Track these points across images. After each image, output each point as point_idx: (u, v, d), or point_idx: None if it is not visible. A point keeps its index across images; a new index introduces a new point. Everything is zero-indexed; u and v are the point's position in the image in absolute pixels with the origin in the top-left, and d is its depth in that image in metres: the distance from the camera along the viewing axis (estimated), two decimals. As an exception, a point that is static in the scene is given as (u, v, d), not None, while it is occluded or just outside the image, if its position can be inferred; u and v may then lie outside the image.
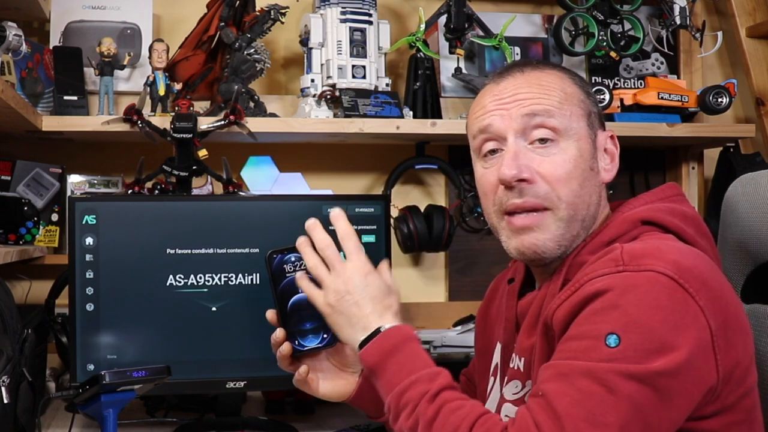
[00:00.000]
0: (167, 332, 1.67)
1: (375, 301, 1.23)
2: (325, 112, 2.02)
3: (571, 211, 1.19)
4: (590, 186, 1.21)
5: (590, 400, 1.01)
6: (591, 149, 1.22)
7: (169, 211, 1.71)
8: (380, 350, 1.18)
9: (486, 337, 1.42)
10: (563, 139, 1.19)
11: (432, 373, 1.14)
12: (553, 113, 1.19)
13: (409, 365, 1.16)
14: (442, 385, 1.12)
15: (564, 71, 1.26)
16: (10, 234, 1.87)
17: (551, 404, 1.02)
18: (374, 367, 1.18)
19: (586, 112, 1.23)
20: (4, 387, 1.39)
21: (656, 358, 1.01)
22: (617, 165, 1.26)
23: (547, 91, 1.21)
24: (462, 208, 2.27)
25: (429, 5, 2.17)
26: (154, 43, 1.94)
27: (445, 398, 1.10)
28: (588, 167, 1.21)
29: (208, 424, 1.74)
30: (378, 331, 1.20)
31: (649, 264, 1.07)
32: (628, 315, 1.04)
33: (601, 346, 1.03)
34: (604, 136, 1.25)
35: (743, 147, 2.27)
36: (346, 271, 1.24)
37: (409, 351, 1.18)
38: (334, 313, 1.24)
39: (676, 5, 2.19)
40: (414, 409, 1.11)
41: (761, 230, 1.37)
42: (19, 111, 1.62)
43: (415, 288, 2.30)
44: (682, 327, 1.04)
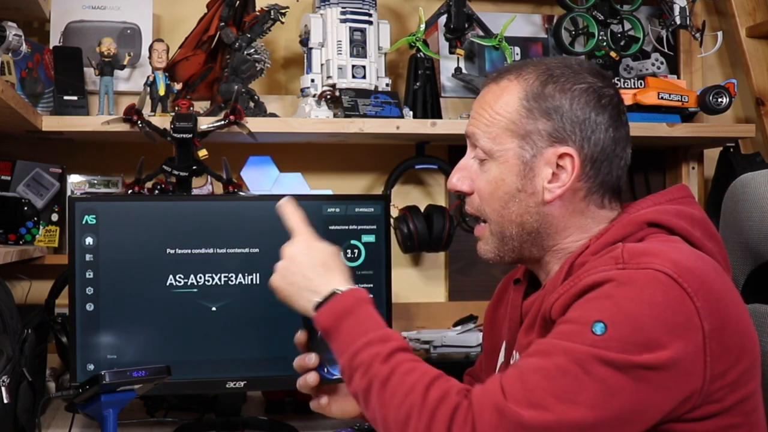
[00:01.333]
0: (167, 332, 1.67)
1: (320, 265, 1.25)
2: (325, 112, 2.02)
3: (499, 228, 1.25)
4: (516, 206, 1.23)
5: (563, 378, 1.02)
6: (521, 170, 1.22)
7: (169, 211, 1.71)
8: (333, 313, 1.19)
9: (493, 337, 1.42)
10: (490, 159, 1.24)
11: (384, 335, 1.15)
12: (479, 136, 1.25)
13: (361, 327, 1.16)
14: (395, 347, 1.13)
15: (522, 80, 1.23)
16: (10, 234, 1.87)
17: (524, 375, 1.04)
18: (329, 329, 1.19)
19: (519, 132, 1.21)
20: (4, 387, 1.39)
21: (640, 352, 1.02)
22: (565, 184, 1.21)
23: (482, 110, 1.26)
24: (462, 208, 2.27)
25: (429, 5, 2.17)
26: (154, 43, 1.94)
27: (398, 360, 1.11)
28: (514, 189, 1.22)
29: (208, 424, 1.74)
30: (332, 294, 1.21)
31: (649, 262, 1.07)
32: (620, 307, 1.04)
33: (587, 332, 1.04)
34: (554, 153, 1.21)
35: (743, 147, 2.27)
36: (289, 248, 1.29)
37: (363, 313, 1.18)
38: (285, 287, 1.26)
39: (676, 5, 2.19)
40: (367, 370, 1.11)
41: (761, 230, 1.37)
42: (19, 111, 1.61)
43: (415, 288, 2.30)
44: (673, 326, 1.04)
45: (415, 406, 1.05)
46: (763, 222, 1.36)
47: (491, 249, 1.28)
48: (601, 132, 1.21)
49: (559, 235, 1.24)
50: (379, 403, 1.09)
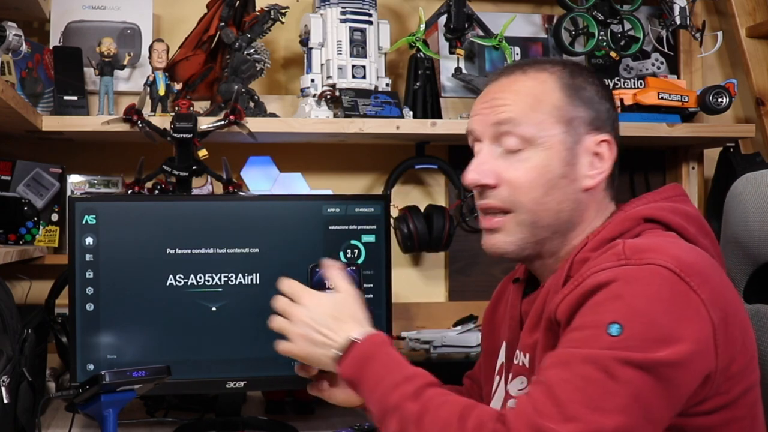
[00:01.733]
0: (167, 332, 1.67)
1: (333, 318, 1.24)
2: (325, 112, 2.02)
3: (533, 217, 1.22)
4: (559, 194, 1.22)
5: (591, 386, 1.01)
6: (566, 157, 1.22)
7: (169, 211, 1.71)
8: (354, 363, 1.18)
9: (492, 338, 1.42)
10: (531, 147, 1.21)
11: (409, 374, 1.14)
12: (520, 122, 1.22)
13: (385, 371, 1.15)
14: (422, 383, 1.12)
15: (555, 73, 1.25)
16: (10, 234, 1.87)
17: (552, 390, 1.02)
18: (353, 379, 1.18)
19: (563, 118, 1.22)
20: (4, 387, 1.39)
21: (659, 348, 1.02)
22: (605, 171, 1.24)
23: (519, 97, 1.23)
24: (462, 208, 2.27)
25: (429, 5, 2.17)
26: (154, 43, 1.94)
27: (428, 396, 1.10)
28: (558, 175, 1.21)
29: (208, 424, 1.74)
30: (350, 345, 1.20)
31: (651, 258, 1.08)
32: (630, 305, 1.04)
33: (603, 335, 1.03)
34: (594, 140, 1.23)
35: (743, 147, 2.27)
36: (295, 309, 1.26)
37: (384, 357, 1.18)
38: (308, 350, 1.25)
39: (676, 5, 2.19)
40: (399, 412, 1.10)
41: (763, 230, 1.37)
42: (19, 111, 1.61)
43: (415, 288, 2.30)
44: (684, 319, 1.04)
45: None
46: (765, 222, 1.36)
47: (514, 241, 1.23)
48: (617, 123, 1.27)
49: (581, 227, 1.24)
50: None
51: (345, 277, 1.29)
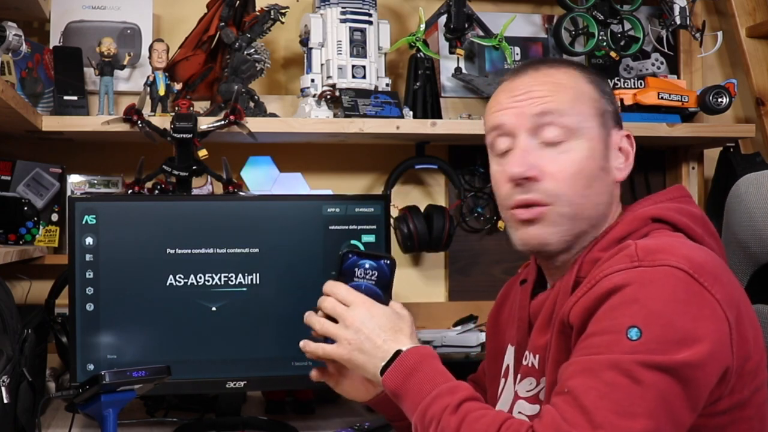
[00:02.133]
0: (167, 332, 1.67)
1: (384, 329, 1.25)
2: (325, 112, 2.02)
3: (576, 209, 1.20)
4: (599, 186, 1.22)
5: (617, 392, 1.01)
6: (602, 149, 1.23)
7: (169, 211, 1.71)
8: (399, 373, 1.19)
9: (497, 340, 1.42)
10: (574, 138, 1.21)
11: (452, 386, 1.15)
12: (564, 112, 1.21)
13: (428, 383, 1.16)
14: (463, 397, 1.13)
15: (580, 69, 1.27)
16: (10, 234, 1.87)
17: (578, 399, 1.02)
18: (396, 390, 1.19)
19: (599, 111, 1.24)
20: (4, 387, 1.39)
21: (679, 350, 1.02)
22: (631, 164, 1.27)
23: (559, 89, 1.22)
24: (462, 208, 2.27)
25: (429, 5, 2.17)
26: (154, 43, 1.94)
27: (467, 409, 1.11)
28: (598, 167, 1.22)
29: (208, 424, 1.74)
30: (395, 355, 1.21)
31: (664, 259, 1.08)
32: (648, 308, 1.04)
33: (623, 340, 1.03)
34: (620, 135, 1.26)
35: (743, 147, 2.27)
36: (350, 314, 1.26)
37: (428, 368, 1.19)
38: (353, 356, 1.25)
39: (676, 5, 2.19)
40: (438, 424, 1.11)
41: (764, 230, 1.37)
42: (19, 111, 1.61)
43: (415, 288, 2.30)
44: (701, 319, 1.04)
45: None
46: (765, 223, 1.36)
47: (555, 231, 1.21)
48: None
49: (605, 221, 1.24)
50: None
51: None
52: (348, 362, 1.27)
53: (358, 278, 1.30)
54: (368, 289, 1.29)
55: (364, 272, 1.30)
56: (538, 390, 1.22)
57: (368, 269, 1.30)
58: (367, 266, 1.30)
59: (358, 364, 1.25)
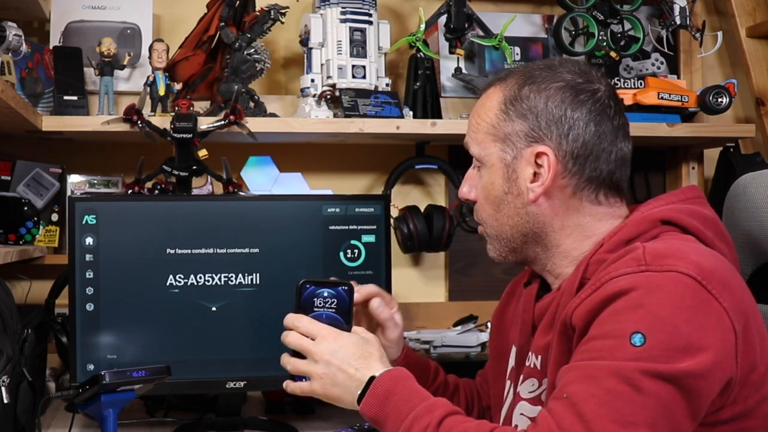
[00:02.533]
0: (167, 332, 1.67)
1: (355, 357, 1.23)
2: (325, 112, 2.02)
3: (494, 231, 1.28)
4: (508, 209, 1.25)
5: (618, 400, 1.00)
6: (506, 173, 1.24)
7: (169, 211, 1.71)
8: (376, 400, 1.18)
9: (501, 340, 1.41)
10: (483, 166, 1.28)
11: (429, 405, 1.14)
12: (470, 144, 1.29)
13: (406, 405, 1.16)
14: (443, 413, 1.12)
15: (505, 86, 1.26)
16: (10, 234, 1.87)
17: (577, 406, 1.02)
18: (376, 417, 1.19)
19: (499, 136, 1.24)
20: (4, 387, 1.39)
21: (683, 358, 1.01)
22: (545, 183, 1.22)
23: (471, 121, 1.30)
24: (462, 208, 2.27)
25: (429, 5, 2.17)
26: (154, 43, 1.94)
27: (449, 424, 1.11)
28: (502, 192, 1.25)
29: (208, 424, 1.74)
30: (369, 381, 1.20)
31: (672, 264, 1.06)
32: (653, 314, 1.03)
33: (626, 345, 1.02)
34: (531, 153, 1.22)
35: (743, 147, 2.27)
36: (317, 348, 1.25)
37: (403, 390, 1.18)
38: (329, 390, 1.24)
39: (676, 5, 2.19)
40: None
41: (763, 230, 1.37)
42: (19, 111, 1.61)
43: (415, 288, 2.30)
44: (707, 327, 1.03)
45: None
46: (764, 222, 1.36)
47: (493, 248, 1.31)
48: (580, 128, 1.21)
49: (557, 234, 1.24)
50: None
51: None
52: (324, 397, 1.26)
53: (318, 308, 1.29)
54: (329, 318, 1.28)
55: (323, 301, 1.29)
56: (540, 391, 1.21)
57: (327, 297, 1.29)
58: (326, 294, 1.29)
59: (334, 397, 1.24)
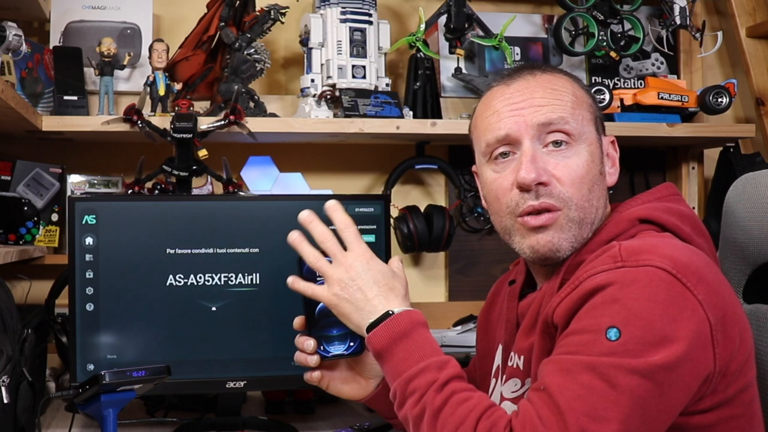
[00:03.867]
0: (167, 332, 1.67)
1: (379, 285, 1.23)
2: (325, 112, 2.02)
3: (582, 214, 1.20)
4: (598, 189, 1.22)
5: (592, 395, 1.01)
6: (599, 154, 1.24)
7: (169, 211, 1.70)
8: (389, 335, 1.18)
9: (487, 339, 1.42)
10: (577, 143, 1.21)
11: (441, 361, 1.15)
12: (567, 119, 1.21)
13: (418, 352, 1.16)
14: (451, 374, 1.13)
15: (571, 75, 1.29)
16: (10, 234, 1.87)
17: (553, 398, 1.03)
18: (382, 351, 1.18)
19: (594, 116, 1.26)
20: (4, 387, 1.39)
21: (656, 351, 1.02)
22: (618, 169, 1.28)
23: (560, 95, 1.22)
24: (462, 208, 2.27)
25: (429, 5, 2.17)
26: (154, 43, 1.94)
27: (453, 389, 1.11)
28: (598, 171, 1.23)
29: (208, 424, 1.74)
30: (387, 314, 1.20)
31: (647, 259, 1.08)
32: (628, 308, 1.04)
33: (601, 340, 1.04)
34: (607, 140, 1.28)
35: (743, 147, 2.27)
36: (348, 260, 1.25)
37: (419, 337, 1.18)
38: (341, 303, 1.24)
39: (676, 5, 2.19)
40: (421, 398, 1.11)
41: (762, 230, 1.36)
42: (19, 111, 1.61)
43: (415, 288, 2.29)
44: (680, 320, 1.04)
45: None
46: (764, 222, 1.36)
47: (566, 237, 1.20)
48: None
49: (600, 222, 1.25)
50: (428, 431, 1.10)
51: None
52: (334, 307, 1.25)
53: (320, 278, 1.29)
54: None
55: None
56: (523, 391, 1.22)
57: None
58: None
59: (343, 312, 1.24)
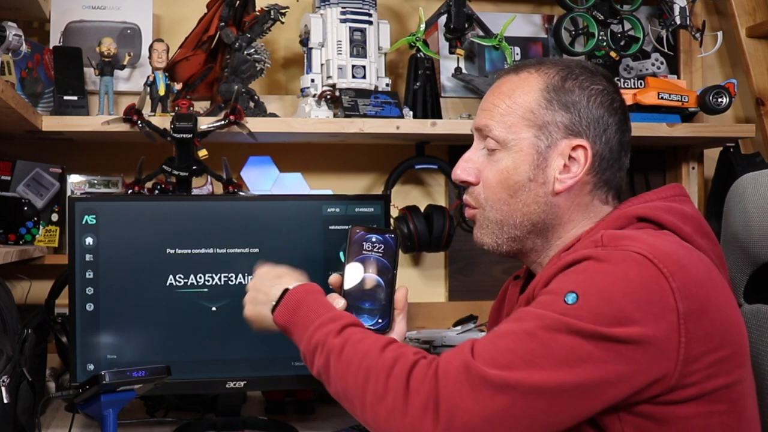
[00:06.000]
0: (167, 332, 1.67)
1: (270, 278, 1.34)
2: (325, 112, 2.02)
3: (501, 216, 1.27)
4: (527, 196, 1.25)
5: (531, 342, 1.05)
6: (535, 160, 1.24)
7: (169, 211, 1.71)
8: (287, 309, 1.26)
9: None
10: (503, 149, 1.26)
11: (334, 315, 1.21)
12: (492, 127, 1.27)
13: (312, 314, 1.23)
14: (346, 322, 1.19)
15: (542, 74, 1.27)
16: (10, 234, 1.87)
17: (495, 338, 1.07)
18: (285, 325, 1.26)
19: (537, 122, 1.24)
20: (4, 387, 1.39)
21: (610, 326, 1.04)
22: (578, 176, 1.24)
23: (496, 101, 1.28)
24: (462, 208, 2.27)
25: (429, 5, 2.17)
26: (154, 43, 1.94)
27: (351, 332, 1.17)
28: (525, 178, 1.25)
29: (208, 424, 1.74)
30: (284, 292, 1.28)
31: (627, 245, 1.11)
32: (593, 280, 1.08)
33: (558, 301, 1.07)
34: (567, 145, 1.24)
35: (743, 147, 2.27)
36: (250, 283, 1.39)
37: (312, 301, 1.25)
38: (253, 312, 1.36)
39: (676, 5, 2.19)
40: (323, 348, 1.17)
41: (762, 230, 1.36)
42: (19, 111, 1.61)
43: (415, 288, 2.29)
44: (646, 304, 1.05)
45: (372, 368, 1.10)
46: (764, 222, 1.36)
47: (488, 234, 1.30)
48: (611, 133, 1.26)
49: (563, 228, 1.27)
50: (337, 374, 1.14)
51: None
52: (251, 318, 1.36)
53: (366, 251, 1.35)
54: (376, 260, 1.35)
55: (371, 246, 1.36)
56: None
57: (375, 242, 1.36)
58: (374, 240, 1.36)
59: (256, 316, 1.34)
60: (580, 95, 1.25)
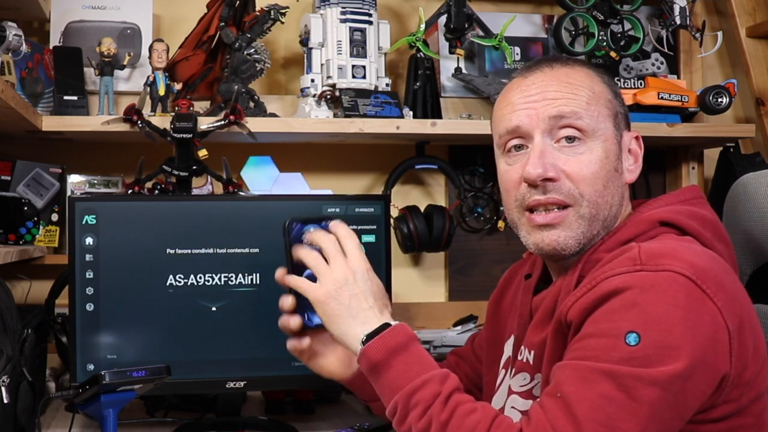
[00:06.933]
0: (167, 332, 1.67)
1: (376, 297, 1.24)
2: (325, 112, 2.02)
3: (593, 210, 1.19)
4: (613, 187, 1.21)
5: (610, 406, 1.00)
6: (616, 150, 1.22)
7: (169, 211, 1.71)
8: (387, 347, 1.17)
9: (497, 327, 1.42)
10: (590, 139, 1.20)
11: (442, 374, 1.15)
12: (581, 114, 1.19)
13: (417, 365, 1.16)
14: (453, 387, 1.13)
15: (593, 69, 1.27)
16: (10, 234, 1.87)
17: (570, 407, 1.02)
18: (378, 363, 1.18)
19: (612, 112, 1.23)
20: (4, 387, 1.39)
21: (676, 358, 1.01)
22: (641, 166, 1.26)
23: (575, 90, 1.21)
24: (462, 208, 2.27)
25: (429, 5, 2.17)
26: (154, 43, 1.94)
27: (457, 400, 1.11)
28: (612, 168, 1.21)
29: (208, 424, 1.74)
30: (385, 326, 1.19)
31: (667, 264, 1.07)
32: (648, 313, 1.03)
33: (621, 345, 1.02)
34: (629, 136, 1.25)
35: (743, 147, 2.27)
36: (347, 263, 1.25)
37: (416, 351, 1.18)
38: (331, 302, 1.23)
39: (676, 5, 2.19)
40: (426, 410, 1.11)
41: (762, 230, 1.37)
42: (19, 111, 1.61)
43: (415, 288, 2.30)
44: (700, 326, 1.03)
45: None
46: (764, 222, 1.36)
47: (573, 235, 1.19)
48: None
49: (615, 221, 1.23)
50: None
51: None
52: (321, 304, 1.24)
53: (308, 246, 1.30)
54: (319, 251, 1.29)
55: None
56: (532, 386, 1.22)
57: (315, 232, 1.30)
58: (313, 229, 1.30)
59: (333, 313, 1.23)
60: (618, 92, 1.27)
